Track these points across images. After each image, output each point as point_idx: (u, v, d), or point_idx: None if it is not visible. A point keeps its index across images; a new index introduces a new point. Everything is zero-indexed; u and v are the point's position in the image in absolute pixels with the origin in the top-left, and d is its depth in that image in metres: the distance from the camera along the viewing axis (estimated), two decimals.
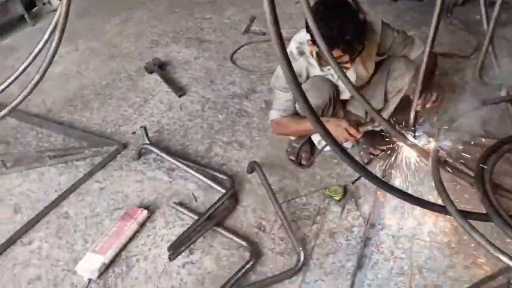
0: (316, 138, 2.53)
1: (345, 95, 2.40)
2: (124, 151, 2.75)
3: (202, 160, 2.64)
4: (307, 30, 2.07)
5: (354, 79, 2.27)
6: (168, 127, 2.94)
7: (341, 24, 1.97)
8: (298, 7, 3.93)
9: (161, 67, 3.56)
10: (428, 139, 1.91)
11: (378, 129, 2.17)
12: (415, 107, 1.85)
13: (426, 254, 1.99)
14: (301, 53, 2.25)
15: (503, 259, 1.52)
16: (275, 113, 2.42)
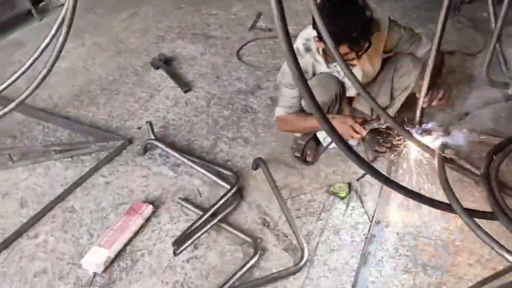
0: (321, 135, 2.53)
1: (351, 92, 2.40)
2: (129, 146, 2.76)
3: (207, 156, 2.65)
4: (314, 26, 2.06)
5: (360, 76, 2.27)
6: (174, 123, 2.95)
7: (348, 21, 1.96)
8: (305, 4, 3.92)
9: (167, 63, 3.56)
10: (434, 136, 1.91)
11: (383, 126, 2.17)
12: (421, 104, 1.85)
13: (431, 251, 1.99)
14: (308, 49, 2.25)
15: (508, 258, 1.52)
16: (281, 109, 2.42)
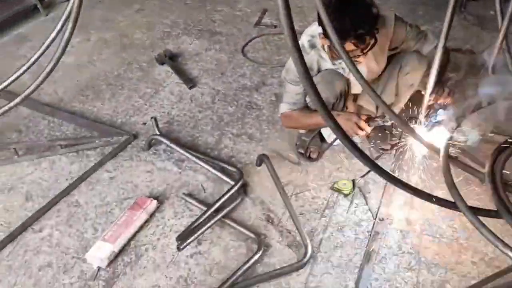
0: (326, 132, 2.53)
1: (356, 89, 2.39)
2: (134, 141, 2.77)
3: (212, 151, 2.65)
4: (319, 23, 2.06)
5: (365, 73, 2.27)
6: (178, 119, 2.95)
7: (354, 18, 1.95)
8: (310, 1, 3.91)
9: (172, 59, 3.56)
10: (439, 134, 1.90)
11: (388, 124, 2.17)
12: (427, 102, 1.84)
13: (435, 249, 1.99)
14: (313, 46, 2.24)
15: None
16: (285, 106, 2.42)
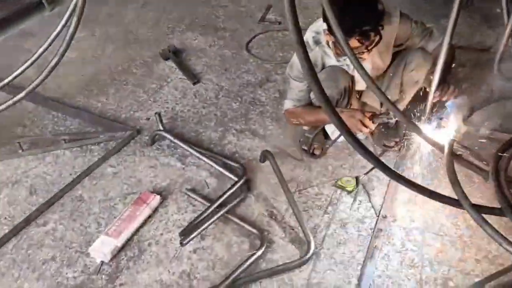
0: (329, 129, 2.52)
1: (361, 86, 2.39)
2: (138, 136, 2.77)
3: (215, 147, 2.65)
4: (324, 19, 2.05)
5: (370, 70, 2.26)
6: (182, 114, 2.96)
7: (359, 14, 1.95)
8: None
9: (176, 54, 3.56)
10: (444, 132, 1.89)
11: (392, 121, 2.16)
12: (431, 99, 1.83)
13: (438, 247, 1.99)
14: (317, 42, 2.24)
15: None
16: (289, 102, 2.42)
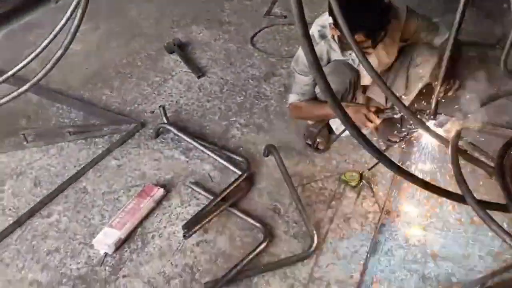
0: (334, 123, 2.52)
1: (366, 80, 2.38)
2: (142, 129, 2.77)
3: (219, 141, 2.65)
4: (330, 13, 2.04)
5: (376, 64, 2.25)
6: (186, 108, 2.95)
7: (365, 9, 1.94)
8: None
9: (181, 48, 3.56)
10: (449, 127, 1.89)
11: (398, 116, 2.15)
12: (437, 94, 1.82)
13: (441, 242, 1.99)
14: (323, 36, 2.23)
15: None
16: (294, 96, 2.42)
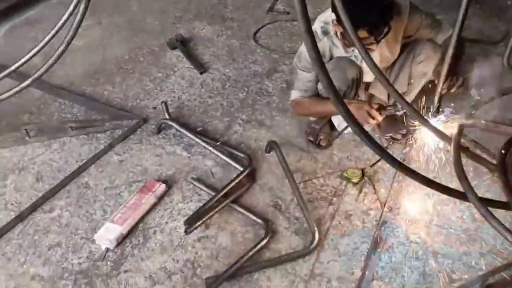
0: (336, 120, 2.51)
1: (368, 77, 2.37)
2: (144, 125, 2.77)
3: (221, 137, 2.65)
4: (333, 9, 2.03)
5: (379, 61, 2.24)
6: (189, 103, 2.95)
7: (368, 5, 1.93)
8: None
9: (183, 43, 3.55)
10: (451, 124, 1.88)
11: (400, 113, 2.15)
12: (439, 91, 1.82)
13: (442, 240, 1.99)
14: (325, 33, 2.22)
15: None
16: (296, 93, 2.41)
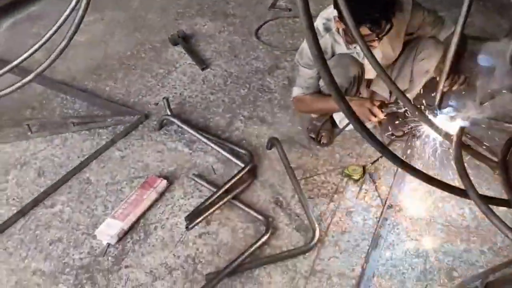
0: (337, 117, 2.51)
1: (370, 74, 2.37)
2: (146, 121, 2.78)
3: (223, 134, 2.66)
4: (335, 6, 2.03)
5: (381, 58, 2.24)
6: (190, 100, 2.95)
7: (370, 1, 1.93)
8: None
9: (185, 40, 3.55)
10: (453, 122, 1.88)
11: (402, 110, 2.15)
12: (441, 88, 1.81)
13: (443, 237, 1.99)
14: (327, 29, 2.22)
15: None
16: (298, 90, 2.41)
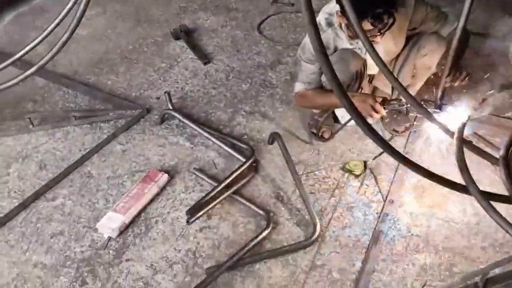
0: (339, 113, 2.51)
1: (372, 70, 2.36)
2: (147, 115, 2.78)
3: (224, 128, 2.66)
4: (337, 1, 2.03)
5: (383, 53, 2.23)
6: (192, 94, 2.95)
7: None
8: None
9: (187, 34, 3.54)
10: (454, 118, 1.88)
11: (403, 106, 2.14)
12: (443, 84, 1.81)
13: (444, 233, 1.99)
14: (330, 24, 2.21)
15: None
16: (300, 85, 2.41)
